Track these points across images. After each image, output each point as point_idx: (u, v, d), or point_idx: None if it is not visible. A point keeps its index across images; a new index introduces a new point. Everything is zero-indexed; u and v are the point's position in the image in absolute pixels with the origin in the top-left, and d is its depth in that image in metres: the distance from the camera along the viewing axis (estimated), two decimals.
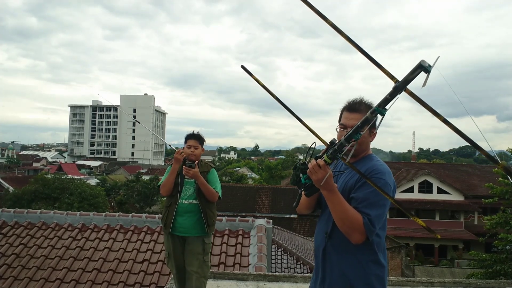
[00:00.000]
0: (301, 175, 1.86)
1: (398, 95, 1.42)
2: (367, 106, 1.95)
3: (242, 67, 1.88)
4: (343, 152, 1.69)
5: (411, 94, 1.38)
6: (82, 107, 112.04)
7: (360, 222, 1.74)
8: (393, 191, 1.87)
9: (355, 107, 1.96)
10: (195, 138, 3.57)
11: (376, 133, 1.99)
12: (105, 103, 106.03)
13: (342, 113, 2.03)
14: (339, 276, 1.88)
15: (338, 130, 2.02)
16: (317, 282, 2.01)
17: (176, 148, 3.70)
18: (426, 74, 1.28)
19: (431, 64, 1.27)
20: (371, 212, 1.76)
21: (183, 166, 3.35)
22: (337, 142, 1.71)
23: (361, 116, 1.92)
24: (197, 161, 3.58)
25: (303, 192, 1.95)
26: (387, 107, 1.46)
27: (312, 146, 1.91)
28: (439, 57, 1.28)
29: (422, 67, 1.28)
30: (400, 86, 1.37)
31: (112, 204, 35.85)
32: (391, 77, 1.42)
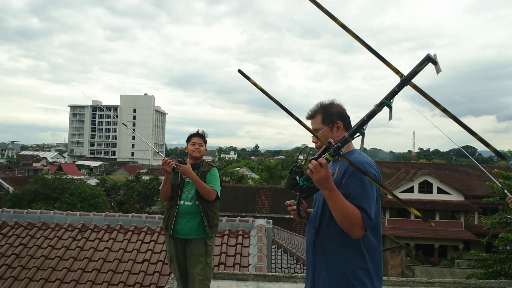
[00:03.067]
0: (297, 177, 1.85)
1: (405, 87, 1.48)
2: (318, 108, 2.13)
3: (239, 71, 1.87)
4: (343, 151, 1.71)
5: (415, 87, 1.45)
6: (82, 107, 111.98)
7: (359, 217, 1.76)
8: (377, 180, 1.90)
9: (309, 115, 2.16)
10: (199, 136, 3.59)
11: (340, 126, 2.07)
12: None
13: None
14: (327, 271, 1.92)
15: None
16: (309, 277, 2.05)
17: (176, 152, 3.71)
18: (435, 65, 1.37)
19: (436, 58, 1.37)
20: (365, 205, 1.79)
21: (175, 163, 3.33)
22: (333, 142, 1.74)
23: (315, 121, 2.11)
24: (199, 160, 3.57)
25: (300, 195, 1.97)
26: (392, 100, 1.52)
27: (305, 148, 1.98)
28: (435, 54, 1.38)
29: (430, 59, 1.37)
30: (408, 78, 1.45)
31: (112, 204, 35.83)
32: (397, 71, 1.49)
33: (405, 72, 1.47)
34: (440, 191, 28.16)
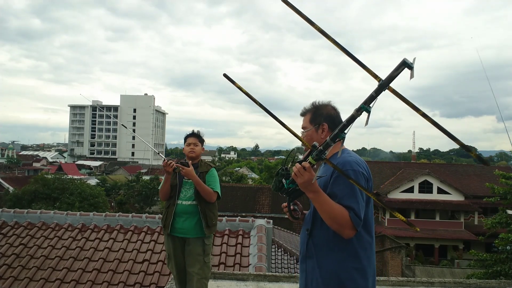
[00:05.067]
0: (283, 180, 1.88)
1: (383, 92, 1.48)
2: (311, 107, 2.16)
3: (225, 75, 1.91)
4: (327, 154, 1.72)
5: (394, 92, 1.44)
6: (82, 107, 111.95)
7: (347, 217, 1.77)
8: (367, 178, 1.91)
9: (301, 113, 2.22)
10: (194, 136, 3.57)
11: (325, 128, 2.08)
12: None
13: None
14: (320, 272, 1.92)
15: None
16: (302, 279, 2.05)
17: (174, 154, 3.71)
18: (410, 70, 1.36)
19: (412, 62, 1.37)
20: (353, 204, 1.79)
21: (176, 164, 3.34)
22: (317, 145, 1.75)
23: (304, 119, 2.15)
24: (197, 160, 3.57)
25: (286, 197, 2.00)
26: (371, 104, 1.53)
27: (292, 151, 2.03)
28: (415, 58, 1.38)
29: (406, 64, 1.37)
30: (385, 83, 1.44)
31: (112, 204, 35.82)
32: (375, 76, 1.48)
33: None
34: (440, 191, 28.14)
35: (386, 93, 1.51)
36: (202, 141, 3.61)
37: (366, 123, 1.52)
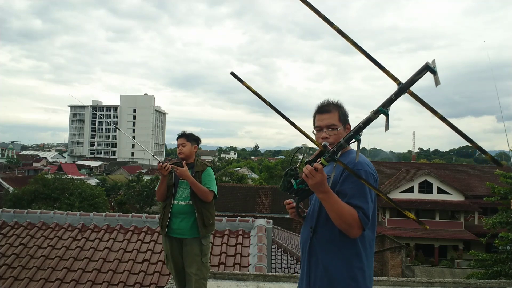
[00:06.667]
0: (292, 180, 1.86)
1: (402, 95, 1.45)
2: (335, 105, 2.08)
3: (232, 73, 1.91)
4: (339, 155, 1.70)
5: (413, 95, 1.41)
6: (82, 107, 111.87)
7: (355, 217, 1.77)
8: (375, 179, 1.93)
9: (324, 108, 2.08)
10: (182, 137, 3.57)
11: (349, 129, 2.06)
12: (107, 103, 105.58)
13: (315, 117, 2.12)
14: (323, 270, 1.91)
15: (315, 132, 2.10)
16: (304, 277, 2.04)
17: (169, 158, 3.72)
18: (434, 75, 1.33)
19: (434, 66, 1.32)
20: (362, 204, 1.80)
21: (171, 165, 3.34)
22: (328, 146, 1.73)
23: (331, 116, 2.04)
24: (192, 160, 3.56)
25: (295, 197, 1.99)
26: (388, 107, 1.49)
27: (301, 148, 1.96)
28: (434, 60, 1.34)
29: (429, 68, 1.33)
30: (405, 87, 1.41)
31: (112, 204, 35.80)
32: (394, 79, 1.45)
33: (403, 78, 1.43)
34: (440, 191, 28.14)
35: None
36: (192, 139, 3.58)
37: (386, 128, 1.48)
